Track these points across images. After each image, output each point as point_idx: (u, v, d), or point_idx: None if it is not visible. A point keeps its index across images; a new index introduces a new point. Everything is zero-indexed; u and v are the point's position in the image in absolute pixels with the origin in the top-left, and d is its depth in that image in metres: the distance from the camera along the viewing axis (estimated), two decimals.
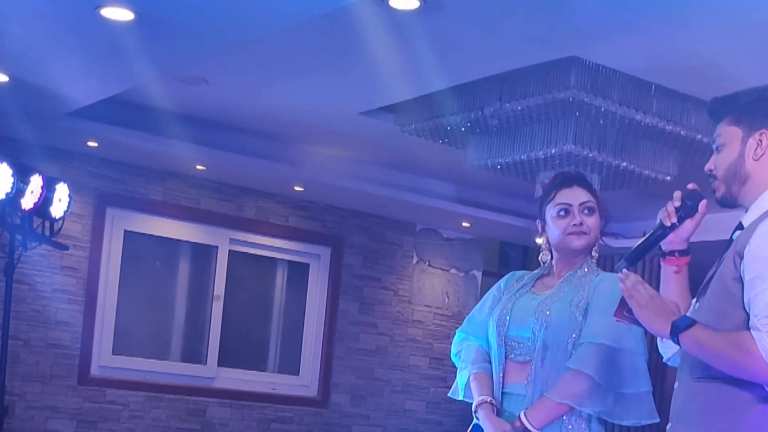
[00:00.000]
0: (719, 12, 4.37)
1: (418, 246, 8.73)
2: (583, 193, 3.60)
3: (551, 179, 3.74)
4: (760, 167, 2.71)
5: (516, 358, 3.52)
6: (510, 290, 3.69)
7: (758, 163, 2.71)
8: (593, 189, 3.68)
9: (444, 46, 4.95)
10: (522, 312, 3.55)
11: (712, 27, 4.54)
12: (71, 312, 7.21)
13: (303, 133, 7.02)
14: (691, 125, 5.66)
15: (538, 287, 3.65)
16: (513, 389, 3.51)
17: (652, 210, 8.44)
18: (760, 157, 2.71)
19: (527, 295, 3.62)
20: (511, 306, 3.59)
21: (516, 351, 3.52)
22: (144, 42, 4.74)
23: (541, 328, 3.47)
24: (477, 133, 6.05)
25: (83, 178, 7.14)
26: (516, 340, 3.52)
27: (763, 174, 2.71)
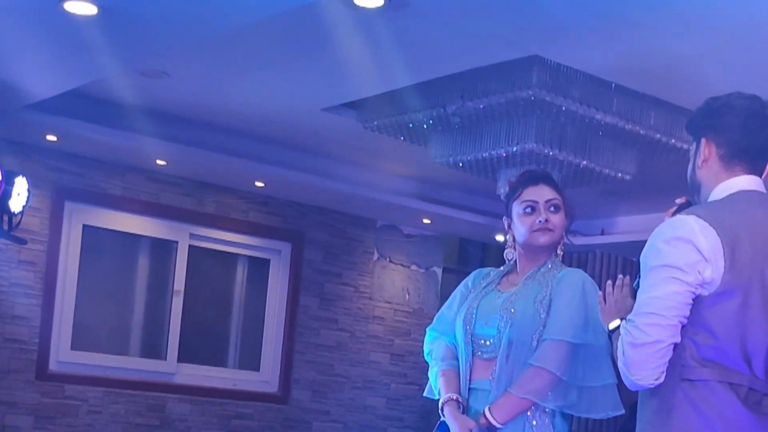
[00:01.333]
0: (678, 15, 4.42)
1: (378, 242, 8.75)
2: (549, 191, 3.64)
3: (518, 177, 3.78)
4: (705, 173, 2.79)
5: (483, 355, 3.56)
6: (477, 288, 3.73)
7: (703, 170, 2.79)
8: (559, 187, 3.72)
9: (408, 43, 4.97)
10: (488, 310, 3.59)
11: (671, 29, 4.60)
12: (29, 306, 7.15)
13: (265, 129, 7.00)
14: (650, 125, 5.72)
15: (504, 285, 3.69)
16: (479, 385, 3.55)
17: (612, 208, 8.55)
18: (702, 164, 2.78)
19: (493, 292, 3.66)
20: (477, 304, 3.63)
21: (482, 348, 3.56)
22: (107, 36, 4.71)
23: (506, 326, 3.50)
24: (439, 130, 6.07)
25: (42, 172, 7.08)
26: (482, 337, 3.56)
27: (707, 180, 2.79)
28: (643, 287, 2.61)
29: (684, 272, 2.55)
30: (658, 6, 4.33)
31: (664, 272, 2.57)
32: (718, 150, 2.74)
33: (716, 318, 2.58)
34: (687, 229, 2.59)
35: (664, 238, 2.61)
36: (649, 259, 2.62)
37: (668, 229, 2.63)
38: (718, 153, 2.74)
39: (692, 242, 2.56)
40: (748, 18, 4.36)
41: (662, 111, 5.71)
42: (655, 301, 2.57)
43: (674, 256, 2.56)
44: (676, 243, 2.58)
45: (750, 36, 4.55)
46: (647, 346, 2.56)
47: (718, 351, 2.59)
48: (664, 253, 2.58)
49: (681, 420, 2.60)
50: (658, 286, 2.57)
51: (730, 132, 2.73)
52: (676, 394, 2.60)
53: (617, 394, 3.49)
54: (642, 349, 2.56)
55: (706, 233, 2.57)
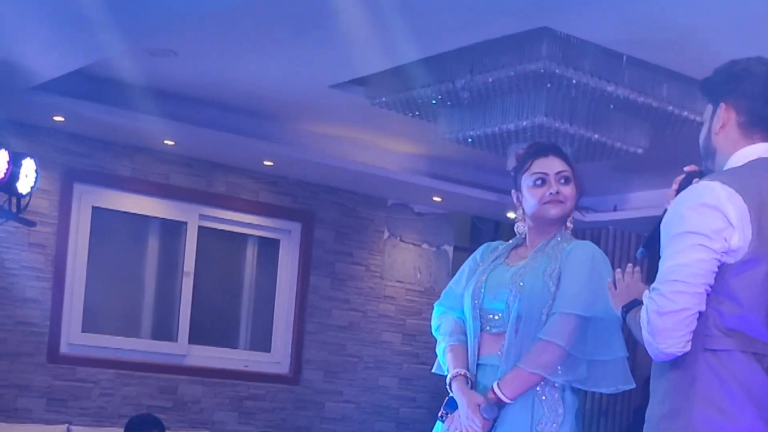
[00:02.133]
0: None
1: (389, 221, 8.70)
2: (560, 162, 3.59)
3: (526, 149, 3.72)
4: (723, 139, 2.74)
5: (491, 330, 3.51)
6: (485, 262, 3.68)
7: (720, 136, 2.74)
8: (569, 159, 3.67)
9: (415, 17, 4.90)
10: (496, 284, 3.54)
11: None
12: (39, 289, 7.12)
13: (273, 107, 6.95)
14: (663, 97, 5.64)
15: (512, 258, 3.64)
16: (487, 360, 3.51)
17: (624, 183, 8.46)
18: (719, 129, 2.73)
19: (501, 266, 3.61)
20: (486, 278, 3.58)
21: (491, 323, 3.51)
22: (111, 14, 4.66)
23: (515, 300, 3.46)
24: (448, 105, 6.01)
25: (50, 154, 7.04)
26: (491, 312, 3.52)
27: (725, 146, 2.74)
28: (668, 254, 2.56)
29: (710, 239, 2.51)
30: None
31: (689, 239, 2.52)
32: (738, 117, 2.70)
33: (742, 286, 2.55)
34: (713, 195, 2.54)
35: (690, 204, 2.56)
36: (674, 225, 2.57)
37: (694, 195, 2.58)
38: (737, 120, 2.70)
39: (719, 209, 2.52)
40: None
41: (675, 82, 5.63)
42: (681, 269, 2.52)
43: (700, 223, 2.52)
44: (702, 209, 2.53)
45: (759, 5, 4.48)
46: (673, 314, 2.51)
47: (743, 320, 2.55)
48: (689, 220, 2.53)
49: (704, 391, 2.56)
50: (683, 253, 2.52)
51: (751, 99, 2.69)
52: (699, 365, 2.56)
53: (628, 368, 3.45)
54: (668, 317, 2.51)
55: (733, 199, 2.53)
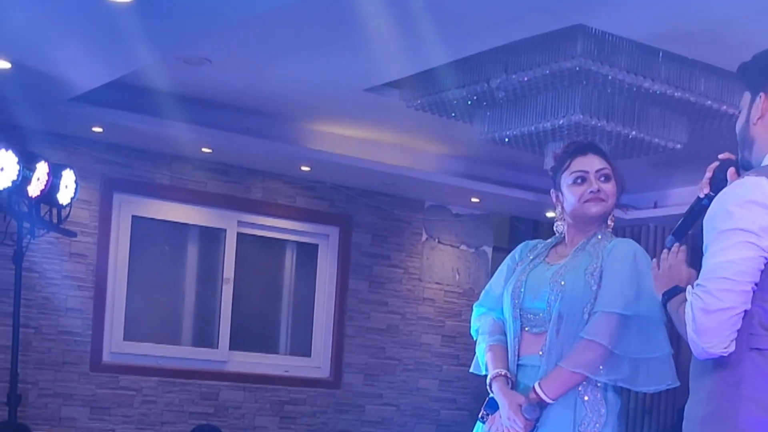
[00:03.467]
0: None
1: (427, 223, 8.69)
2: (599, 160, 3.56)
3: (564, 148, 3.69)
4: (762, 130, 2.68)
5: (532, 329, 3.48)
6: (524, 261, 3.65)
7: (758, 126, 2.69)
8: (608, 156, 3.63)
9: (447, 18, 4.90)
10: (536, 283, 3.51)
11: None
12: (81, 299, 7.19)
13: (308, 112, 6.97)
14: (701, 91, 5.59)
15: (552, 257, 3.61)
16: (528, 361, 3.47)
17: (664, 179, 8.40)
18: (758, 120, 2.68)
19: (541, 265, 3.58)
20: (525, 278, 3.55)
21: (531, 323, 3.48)
22: (145, 23, 4.69)
23: (557, 299, 3.43)
24: (483, 106, 5.99)
25: (89, 164, 7.11)
26: (531, 311, 3.49)
27: (763, 137, 2.68)
28: (713, 251, 2.51)
29: (758, 236, 2.47)
30: None
31: (737, 236, 2.48)
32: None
33: None
34: (761, 192, 2.50)
35: (737, 200, 2.52)
36: (720, 221, 2.52)
37: (741, 191, 2.53)
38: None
39: (767, 205, 2.48)
40: None
41: (712, 76, 5.58)
42: (728, 266, 2.47)
43: (748, 220, 2.47)
44: (749, 206, 2.49)
45: None
46: (720, 312, 2.47)
47: None
48: (737, 216, 2.49)
49: (751, 391, 2.51)
50: (730, 249, 2.48)
51: None
52: (745, 364, 2.51)
53: (673, 365, 3.40)
54: (715, 315, 2.47)
55: None
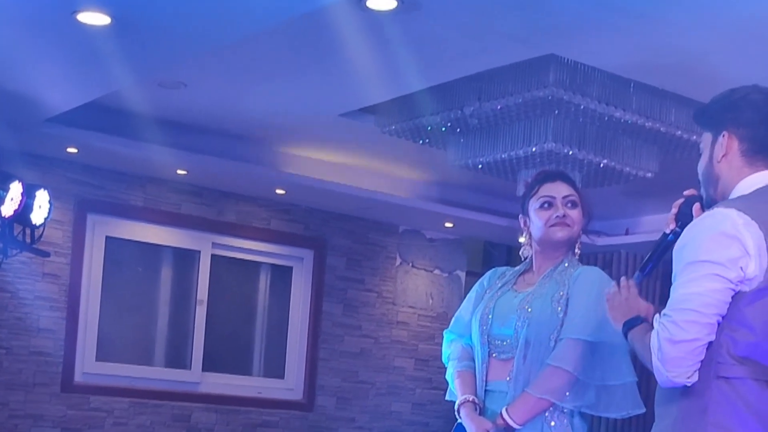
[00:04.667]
0: (695, 9, 4.39)
1: (401, 247, 8.73)
2: (566, 187, 3.62)
3: (534, 176, 3.76)
4: (726, 168, 2.73)
5: (499, 356, 3.53)
6: (492, 288, 3.70)
7: (723, 164, 2.74)
8: (576, 185, 3.70)
9: (422, 46, 4.95)
10: (504, 310, 3.56)
11: (689, 23, 4.56)
12: (54, 319, 7.17)
13: (284, 136, 7.00)
14: (671, 122, 5.68)
15: (520, 284, 3.66)
16: (495, 386, 3.52)
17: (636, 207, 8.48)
18: (722, 158, 2.73)
19: (509, 292, 3.63)
20: (494, 304, 3.60)
21: (499, 349, 3.53)
22: (122, 47, 4.72)
23: (524, 326, 3.48)
24: (457, 132, 6.05)
25: (63, 185, 7.11)
26: (499, 338, 3.53)
27: (728, 174, 2.73)
28: (681, 282, 2.55)
29: (726, 269, 2.51)
30: (675, 1, 4.30)
31: (704, 268, 2.52)
32: (740, 145, 2.70)
33: (757, 314, 2.54)
34: (731, 224, 2.54)
35: (707, 232, 2.56)
36: (689, 253, 2.57)
37: (710, 223, 2.57)
38: (740, 148, 2.70)
39: (737, 237, 2.52)
40: (761, 10, 4.32)
41: (682, 107, 5.66)
42: (695, 298, 2.51)
43: (717, 252, 2.51)
44: (718, 238, 2.53)
45: (764, 28, 4.51)
46: (685, 343, 2.51)
47: (756, 348, 2.55)
48: (706, 249, 2.53)
49: (716, 418, 2.55)
50: (697, 281, 2.52)
51: (752, 127, 2.70)
52: (712, 392, 2.55)
53: (638, 393, 3.45)
54: (680, 345, 2.50)
55: (750, 228, 2.53)
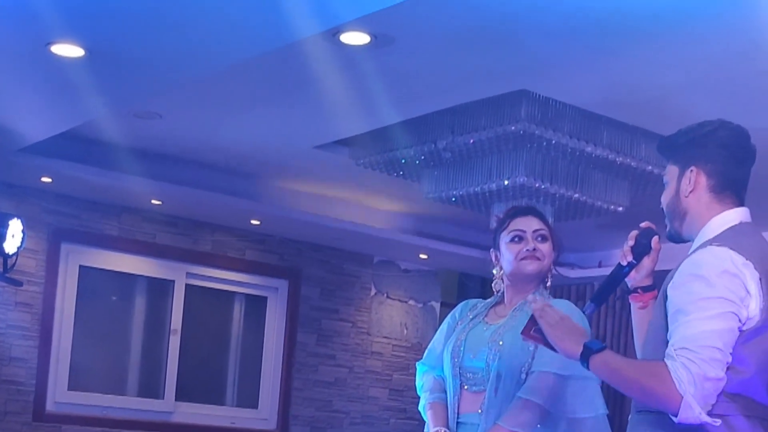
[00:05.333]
0: (665, 46, 4.45)
1: (376, 278, 8.75)
2: (537, 221, 3.66)
3: (505, 211, 3.80)
4: (695, 202, 2.75)
5: (471, 388, 3.55)
6: (464, 320, 3.72)
7: (690, 198, 2.75)
8: (546, 219, 3.74)
9: (396, 80, 5.00)
10: (476, 342, 3.58)
11: (658, 61, 4.62)
12: (26, 348, 7.15)
13: (259, 167, 7.03)
14: (642, 157, 5.74)
15: (491, 317, 3.68)
16: (467, 419, 3.54)
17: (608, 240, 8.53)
18: (690, 193, 2.75)
19: (480, 325, 3.65)
20: (465, 337, 3.62)
21: (471, 381, 3.55)
22: (96, 78, 4.75)
23: (495, 358, 3.50)
24: (431, 165, 6.09)
25: (38, 214, 7.11)
26: (471, 370, 3.55)
27: (697, 209, 2.75)
28: (698, 317, 2.51)
29: (739, 307, 2.51)
30: (643, 38, 4.36)
31: (721, 306, 2.50)
32: (708, 180, 2.72)
33: (751, 352, 2.55)
34: (732, 262, 2.55)
35: (713, 269, 2.55)
36: (699, 288, 2.54)
37: (713, 261, 2.57)
38: (708, 183, 2.72)
39: (739, 276, 2.53)
40: (730, 48, 4.39)
41: (652, 142, 5.71)
42: (717, 336, 2.49)
43: (729, 290, 2.51)
44: (726, 276, 2.53)
45: (733, 66, 4.58)
46: (715, 381, 2.49)
47: (748, 385, 2.56)
48: (717, 286, 2.52)
49: None
50: (716, 319, 2.50)
51: (720, 163, 2.72)
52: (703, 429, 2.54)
53: (608, 426, 3.47)
54: (711, 383, 2.48)
55: (747, 268, 2.55)
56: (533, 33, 4.35)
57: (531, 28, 4.30)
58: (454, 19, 4.23)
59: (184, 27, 4.20)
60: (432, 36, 4.46)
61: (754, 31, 4.18)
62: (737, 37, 4.28)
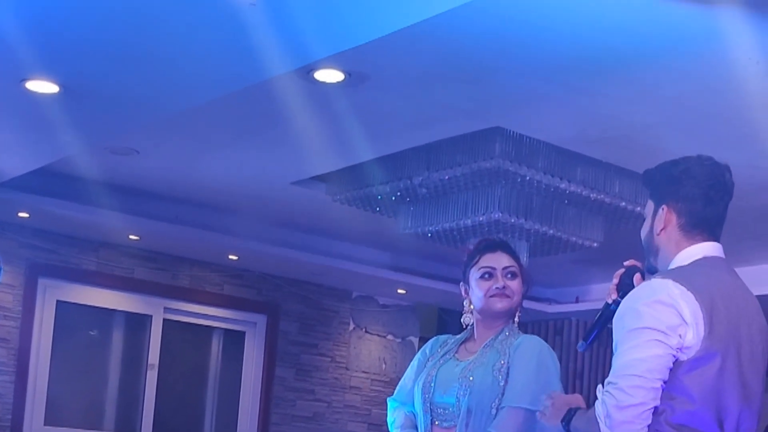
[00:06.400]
0: (636, 84, 4.51)
1: (354, 312, 8.76)
2: (507, 258, 3.67)
3: (476, 244, 3.82)
4: (665, 239, 2.78)
5: (442, 423, 3.56)
6: (435, 356, 3.74)
7: (662, 236, 2.78)
8: (516, 255, 3.76)
9: (371, 117, 5.04)
10: (446, 378, 3.60)
11: (629, 98, 4.68)
12: (2, 383, 7.12)
13: (236, 203, 7.05)
14: (615, 193, 5.79)
15: (462, 353, 3.70)
16: None
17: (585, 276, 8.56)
18: (661, 231, 2.78)
19: (451, 361, 3.67)
20: (436, 373, 3.64)
21: (441, 417, 3.56)
22: (71, 114, 4.78)
23: (465, 394, 3.51)
24: (407, 201, 6.13)
25: (14, 249, 7.10)
26: (441, 406, 3.57)
27: (667, 246, 2.78)
28: (624, 349, 2.59)
29: (666, 335, 2.55)
30: (615, 76, 4.41)
31: (646, 334, 2.56)
32: (678, 219, 2.75)
33: (694, 383, 2.59)
34: (667, 293, 2.59)
35: (645, 301, 2.61)
36: (629, 320, 2.61)
37: (648, 292, 2.62)
38: (678, 222, 2.75)
39: (674, 306, 2.57)
40: (700, 86, 4.45)
41: (626, 179, 5.77)
42: (638, 363, 2.55)
43: (656, 319, 2.56)
44: (657, 306, 2.58)
45: (704, 104, 4.64)
46: (632, 408, 2.55)
47: (694, 416, 2.59)
48: (645, 316, 2.57)
49: None
50: (640, 348, 2.56)
51: (691, 202, 2.75)
52: None
53: None
54: (627, 411, 2.54)
55: (686, 297, 2.58)
56: (506, 71, 4.40)
57: (504, 67, 4.35)
58: (427, 58, 4.28)
59: (159, 64, 4.23)
60: (406, 74, 4.50)
61: (724, 68, 4.23)
62: (707, 75, 4.34)
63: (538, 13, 3.80)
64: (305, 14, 3.67)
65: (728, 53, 4.08)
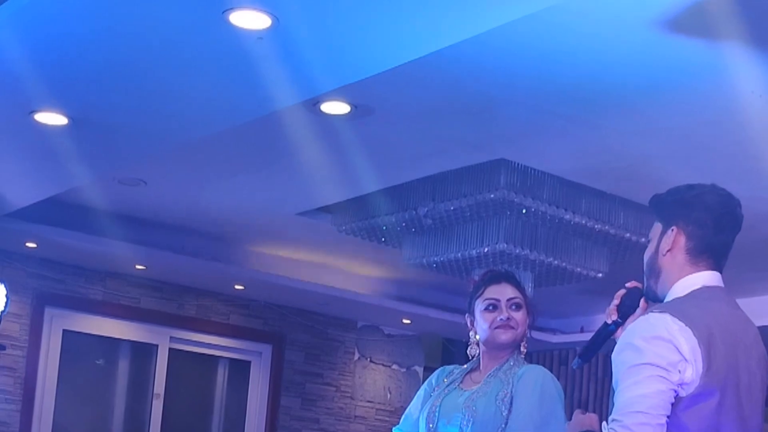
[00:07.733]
0: (638, 116, 4.54)
1: (359, 342, 8.77)
2: (511, 289, 3.69)
3: (481, 276, 3.84)
4: (670, 261, 2.74)
5: None
6: (440, 386, 3.76)
7: (667, 258, 2.74)
8: (521, 286, 3.77)
9: (376, 148, 5.08)
10: (450, 408, 3.61)
11: (632, 130, 4.71)
12: (8, 412, 7.13)
13: (243, 233, 7.08)
14: (620, 224, 5.80)
15: (466, 383, 3.71)
16: None
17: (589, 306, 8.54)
18: (667, 252, 2.74)
19: (455, 391, 3.69)
20: (440, 402, 3.65)
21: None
22: (79, 146, 4.82)
23: (468, 423, 3.52)
24: (412, 232, 6.15)
25: (22, 278, 7.14)
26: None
27: (670, 269, 2.75)
28: (626, 385, 2.56)
29: (668, 371, 2.54)
30: (618, 108, 4.45)
31: (647, 370, 2.54)
32: (687, 242, 2.72)
33: (692, 419, 2.57)
34: (666, 329, 2.57)
35: (644, 336, 2.59)
36: (629, 356, 2.59)
37: (646, 327, 2.60)
38: (686, 245, 2.72)
39: (672, 342, 2.55)
40: (703, 118, 4.49)
41: (630, 210, 5.79)
42: (642, 400, 2.53)
43: (657, 355, 2.55)
44: (656, 342, 2.56)
45: (707, 136, 4.68)
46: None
47: None
48: (646, 352, 2.55)
49: None
50: (643, 384, 2.54)
51: (702, 227, 2.73)
52: None
53: None
54: None
55: (684, 333, 2.56)
56: (510, 104, 4.44)
57: (508, 99, 4.39)
58: (432, 90, 4.32)
59: (167, 96, 4.28)
60: (411, 106, 4.55)
61: (726, 102, 4.27)
62: (710, 108, 4.37)
63: (542, 47, 3.84)
64: (312, 48, 3.71)
65: (731, 87, 4.12)
